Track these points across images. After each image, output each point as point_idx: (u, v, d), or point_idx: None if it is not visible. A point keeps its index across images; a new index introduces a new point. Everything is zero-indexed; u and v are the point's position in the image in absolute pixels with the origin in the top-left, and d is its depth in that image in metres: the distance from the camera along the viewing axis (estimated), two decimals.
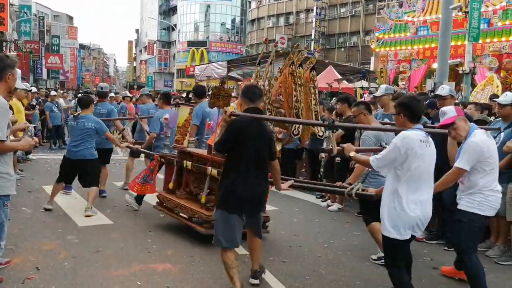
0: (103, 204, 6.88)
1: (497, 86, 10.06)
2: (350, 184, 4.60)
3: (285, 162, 7.53)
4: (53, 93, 14.97)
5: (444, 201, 5.56)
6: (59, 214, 6.29)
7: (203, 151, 5.51)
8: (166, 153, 6.29)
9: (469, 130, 3.92)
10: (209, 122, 6.06)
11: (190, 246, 5.14)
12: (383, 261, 4.24)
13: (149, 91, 8.34)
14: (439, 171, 3.84)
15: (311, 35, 43.98)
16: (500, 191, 3.99)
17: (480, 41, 14.18)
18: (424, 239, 5.75)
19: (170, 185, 5.74)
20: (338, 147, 4.10)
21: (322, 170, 7.94)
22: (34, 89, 13.15)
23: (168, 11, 65.40)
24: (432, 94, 8.86)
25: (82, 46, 70.00)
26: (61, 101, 15.05)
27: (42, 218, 6.02)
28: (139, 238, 5.36)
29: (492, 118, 6.55)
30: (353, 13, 41.95)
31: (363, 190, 4.37)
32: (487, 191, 3.89)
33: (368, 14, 40.29)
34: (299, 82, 5.19)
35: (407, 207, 3.39)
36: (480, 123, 5.45)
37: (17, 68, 3.73)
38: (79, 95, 14.80)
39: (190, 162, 5.44)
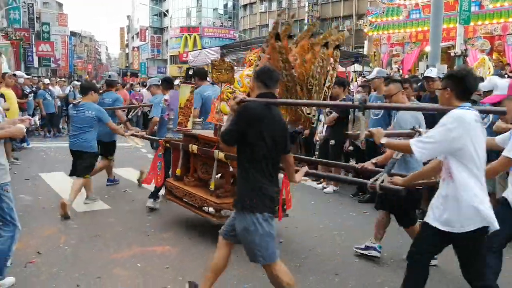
0: (100, 190, 6.95)
1: (489, 68, 10.14)
2: (376, 164, 4.11)
3: None
4: (46, 81, 14.90)
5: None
6: (57, 201, 6.33)
7: (209, 133, 5.20)
8: (171, 137, 5.73)
9: None
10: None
11: (188, 228, 5.24)
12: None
13: (159, 81, 7.36)
14: None
15: (304, 19, 43.78)
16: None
17: (472, 24, 14.27)
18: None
19: (177, 171, 5.31)
20: (366, 132, 3.34)
21: (317, 153, 8.04)
22: (25, 75, 13.06)
23: None
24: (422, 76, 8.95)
25: (73, 33, 69.11)
26: (57, 89, 14.96)
27: (41, 205, 6.08)
28: (137, 222, 5.45)
29: None
30: None
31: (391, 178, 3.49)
32: None
33: None
34: (321, 63, 4.52)
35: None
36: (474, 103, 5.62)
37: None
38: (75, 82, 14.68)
39: (196, 146, 5.02)
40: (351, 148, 7.14)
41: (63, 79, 18.33)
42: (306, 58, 4.52)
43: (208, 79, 6.65)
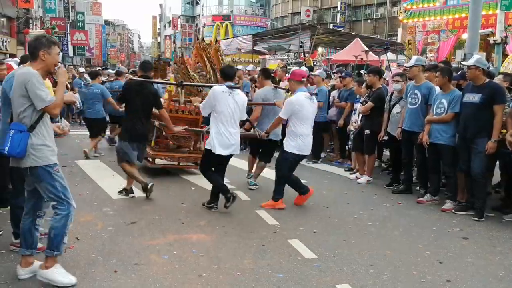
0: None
1: None
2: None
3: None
4: (81, 69, 15.18)
5: (473, 173, 5.53)
6: (94, 188, 6.51)
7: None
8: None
9: (296, 91, 5.58)
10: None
11: (222, 217, 5.27)
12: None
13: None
14: None
15: (337, 7, 43.09)
16: (306, 136, 5.57)
17: None
18: (453, 210, 5.75)
19: None
20: (188, 99, 6.91)
21: (350, 142, 7.97)
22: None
23: None
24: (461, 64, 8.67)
25: (106, 22, 70.19)
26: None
27: (78, 192, 6.21)
28: (171, 210, 5.52)
29: None
30: None
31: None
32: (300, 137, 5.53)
33: None
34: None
35: (224, 135, 5.29)
36: None
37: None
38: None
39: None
40: (385, 138, 7.01)
41: (109, 70, 18.68)
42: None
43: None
